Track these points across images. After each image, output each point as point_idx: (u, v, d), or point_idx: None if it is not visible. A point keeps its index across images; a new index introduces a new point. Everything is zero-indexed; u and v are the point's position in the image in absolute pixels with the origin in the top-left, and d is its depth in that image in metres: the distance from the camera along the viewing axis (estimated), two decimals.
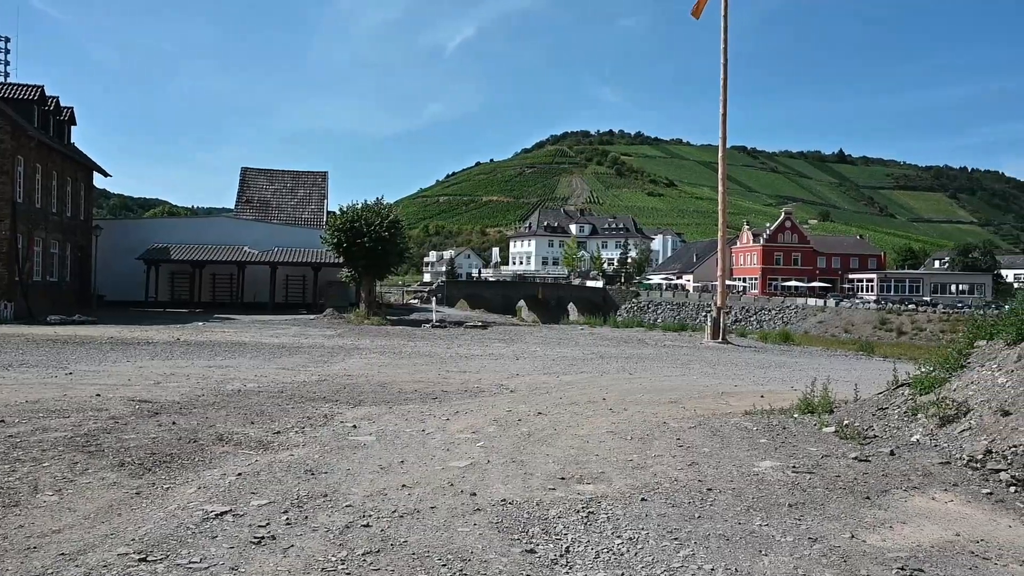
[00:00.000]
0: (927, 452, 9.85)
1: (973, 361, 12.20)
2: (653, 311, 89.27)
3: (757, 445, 10.64)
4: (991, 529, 7.12)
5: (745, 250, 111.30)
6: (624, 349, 31.05)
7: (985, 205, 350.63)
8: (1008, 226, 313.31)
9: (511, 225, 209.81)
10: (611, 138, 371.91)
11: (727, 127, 39.23)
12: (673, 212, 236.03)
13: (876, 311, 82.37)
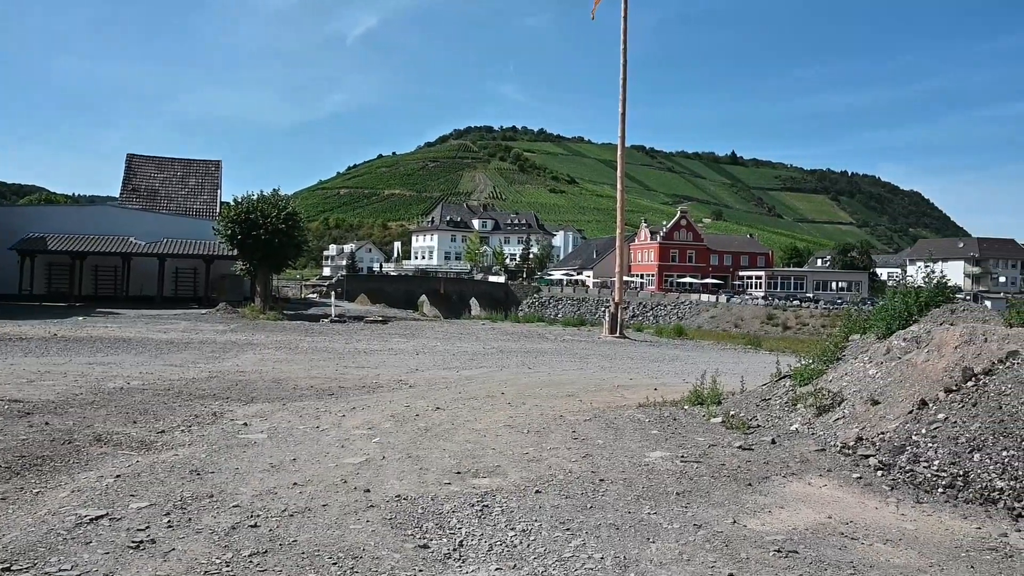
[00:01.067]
0: (805, 440, 10.38)
1: (848, 354, 12.95)
2: (554, 306, 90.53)
3: (649, 436, 10.95)
4: (860, 511, 7.57)
5: (643, 247, 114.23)
6: (524, 344, 31.34)
7: (863, 207, 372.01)
8: (883, 227, 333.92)
9: (413, 219, 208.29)
10: (514, 134, 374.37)
11: (626, 127, 40.15)
12: (574, 209, 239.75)
13: (764, 307, 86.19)
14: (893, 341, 11.86)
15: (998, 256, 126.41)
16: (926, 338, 11.23)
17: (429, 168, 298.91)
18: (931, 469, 8.47)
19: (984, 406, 9.01)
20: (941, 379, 10.06)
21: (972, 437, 8.66)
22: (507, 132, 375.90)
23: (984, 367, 9.80)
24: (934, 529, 7.06)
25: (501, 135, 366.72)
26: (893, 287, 14.48)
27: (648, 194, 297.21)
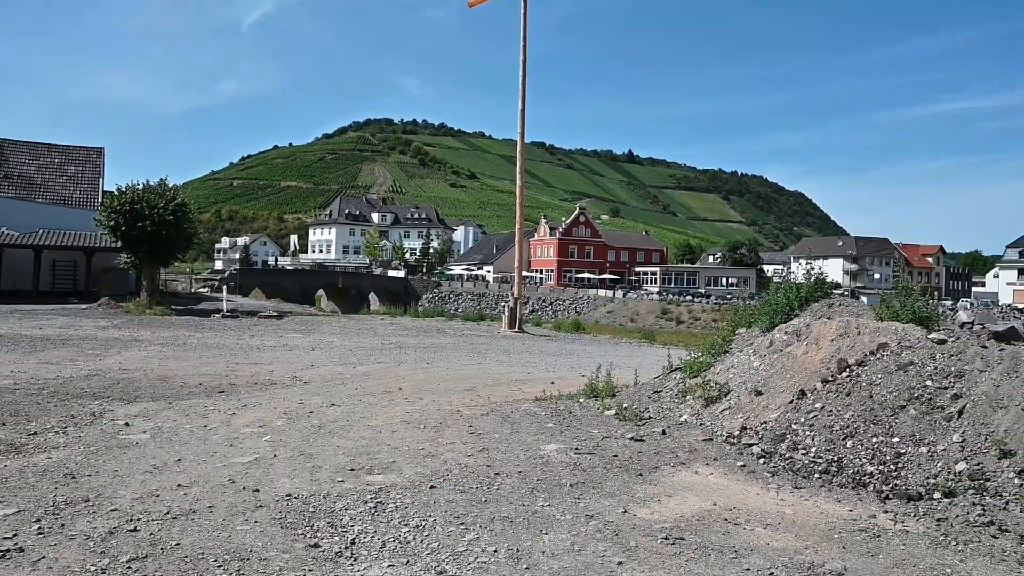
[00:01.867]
0: (693, 430, 10.76)
1: (734, 347, 13.48)
2: (454, 301, 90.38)
3: (545, 429, 11.09)
4: (743, 498, 7.89)
5: (542, 243, 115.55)
6: (423, 339, 31.16)
7: (752, 207, 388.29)
8: (770, 226, 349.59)
9: (311, 212, 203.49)
10: (415, 128, 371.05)
11: (525, 123, 40.45)
12: (475, 204, 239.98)
13: (659, 302, 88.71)
14: (776, 334, 12.43)
15: (873, 254, 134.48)
16: (806, 331, 11.83)
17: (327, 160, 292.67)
18: (809, 456, 8.93)
19: (857, 395, 9.57)
20: (819, 370, 10.62)
21: (846, 425, 9.19)
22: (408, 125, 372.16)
23: (857, 359, 10.40)
24: (810, 513, 7.43)
25: (401, 128, 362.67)
26: (777, 283, 15.16)
27: (548, 190, 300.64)
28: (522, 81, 39.93)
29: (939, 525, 7.02)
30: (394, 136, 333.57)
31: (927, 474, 7.94)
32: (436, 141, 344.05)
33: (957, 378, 9.07)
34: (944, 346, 9.78)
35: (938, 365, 9.43)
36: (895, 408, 9.03)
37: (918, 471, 8.06)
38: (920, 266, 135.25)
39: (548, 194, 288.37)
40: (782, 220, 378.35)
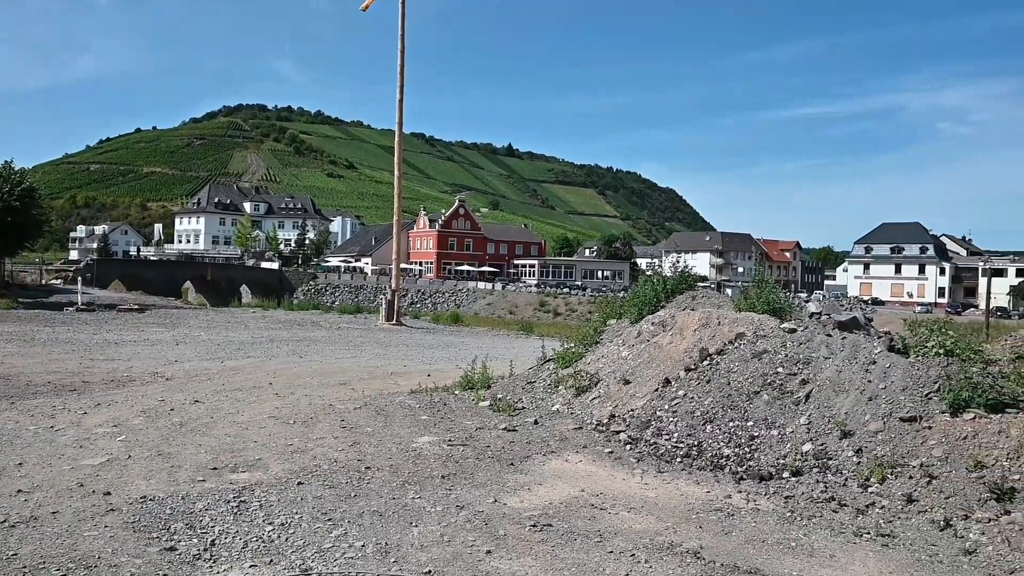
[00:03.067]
0: (564, 419, 10.99)
1: (605, 338, 13.86)
2: (331, 294, 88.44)
3: (418, 422, 11.03)
4: (609, 483, 8.14)
5: (422, 235, 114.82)
6: (297, 332, 30.34)
7: (626, 202, 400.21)
8: (643, 221, 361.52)
9: (177, 200, 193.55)
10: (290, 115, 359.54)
11: (403, 113, 40.02)
12: (353, 194, 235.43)
13: (537, 294, 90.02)
14: (643, 325, 12.87)
15: (737, 249, 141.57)
16: (671, 322, 12.31)
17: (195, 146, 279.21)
18: (671, 441, 9.31)
19: (716, 383, 10.05)
20: (683, 359, 11.08)
21: (706, 411, 9.63)
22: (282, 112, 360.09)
23: (717, 348, 10.92)
24: (671, 495, 7.75)
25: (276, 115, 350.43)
26: (646, 276, 15.69)
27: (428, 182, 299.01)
28: (400, 70, 39.48)
29: (787, 502, 7.49)
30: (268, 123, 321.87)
31: (777, 455, 8.45)
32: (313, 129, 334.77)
33: (805, 365, 9.69)
34: (794, 335, 10.42)
35: (789, 353, 10.03)
36: (750, 394, 9.54)
37: (770, 452, 8.56)
38: (779, 260, 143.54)
39: (428, 186, 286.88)
40: (655, 215, 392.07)
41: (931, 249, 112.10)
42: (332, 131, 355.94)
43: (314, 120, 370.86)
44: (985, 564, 6.12)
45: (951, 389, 8.20)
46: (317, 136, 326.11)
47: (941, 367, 8.76)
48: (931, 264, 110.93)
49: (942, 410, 8.18)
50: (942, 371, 8.67)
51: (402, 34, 39.11)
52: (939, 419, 8.12)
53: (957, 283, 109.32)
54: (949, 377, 8.46)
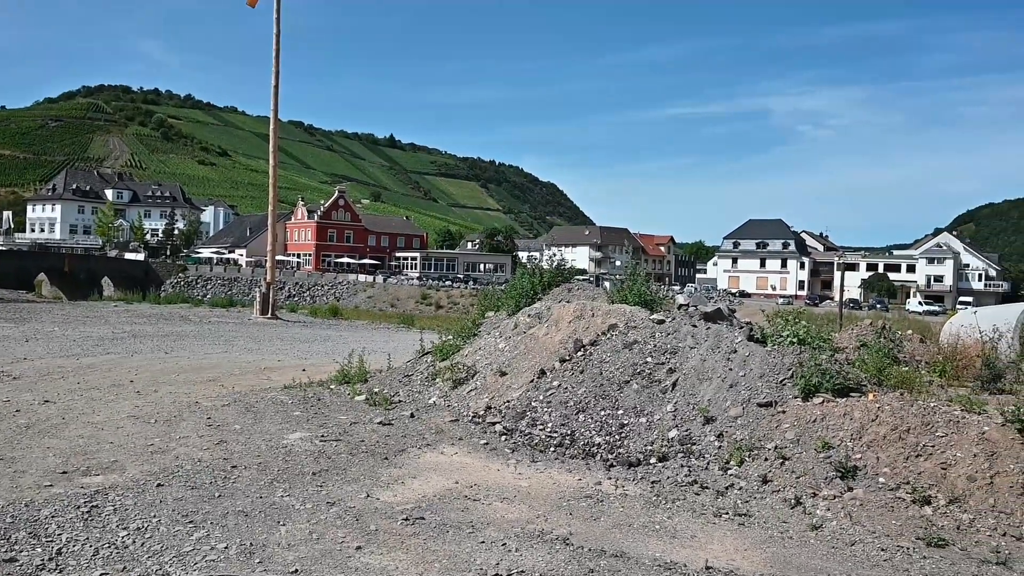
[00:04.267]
0: (441, 412, 10.98)
1: (483, 330, 13.94)
2: (202, 286, 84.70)
3: (291, 418, 10.74)
4: (484, 474, 8.19)
5: (300, 226, 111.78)
6: (163, 327, 28.90)
7: (508, 195, 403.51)
8: (525, 214, 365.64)
9: (29, 186, 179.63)
10: (157, 98, 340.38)
11: (279, 100, 38.75)
12: (226, 183, 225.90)
13: (419, 287, 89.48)
14: (520, 317, 13.02)
15: (615, 243, 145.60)
16: (547, 314, 12.50)
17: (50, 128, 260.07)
18: (546, 431, 9.47)
19: (589, 373, 10.29)
20: (558, 350, 11.28)
21: (579, 400, 9.85)
22: (149, 95, 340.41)
23: (591, 339, 11.18)
24: (544, 484, 7.89)
25: (142, 97, 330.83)
26: (524, 269, 15.87)
27: (307, 172, 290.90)
28: (276, 55, 38.18)
29: (653, 487, 7.77)
30: (132, 105, 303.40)
31: (645, 442, 8.75)
32: (182, 114, 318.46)
33: (672, 354, 10.08)
34: (663, 326, 10.80)
35: (657, 343, 10.40)
36: (621, 383, 9.83)
37: (638, 439, 8.85)
38: (654, 254, 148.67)
39: (307, 176, 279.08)
40: (536, 209, 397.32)
41: (792, 245, 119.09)
42: (204, 116, 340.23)
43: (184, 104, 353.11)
44: (830, 537, 6.55)
45: (803, 376, 8.73)
46: (187, 121, 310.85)
47: (795, 355, 9.31)
48: (792, 259, 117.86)
49: (795, 395, 8.70)
50: (795, 359, 9.21)
51: (277, 17, 37.85)
52: (792, 404, 8.63)
53: (815, 276, 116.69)
54: (801, 364, 9.00)
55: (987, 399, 8.63)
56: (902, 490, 7.20)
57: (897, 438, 7.73)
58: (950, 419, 7.76)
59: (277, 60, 38.21)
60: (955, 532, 6.61)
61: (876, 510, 6.98)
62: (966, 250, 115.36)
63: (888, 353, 10.05)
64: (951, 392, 9.19)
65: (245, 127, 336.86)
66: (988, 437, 7.41)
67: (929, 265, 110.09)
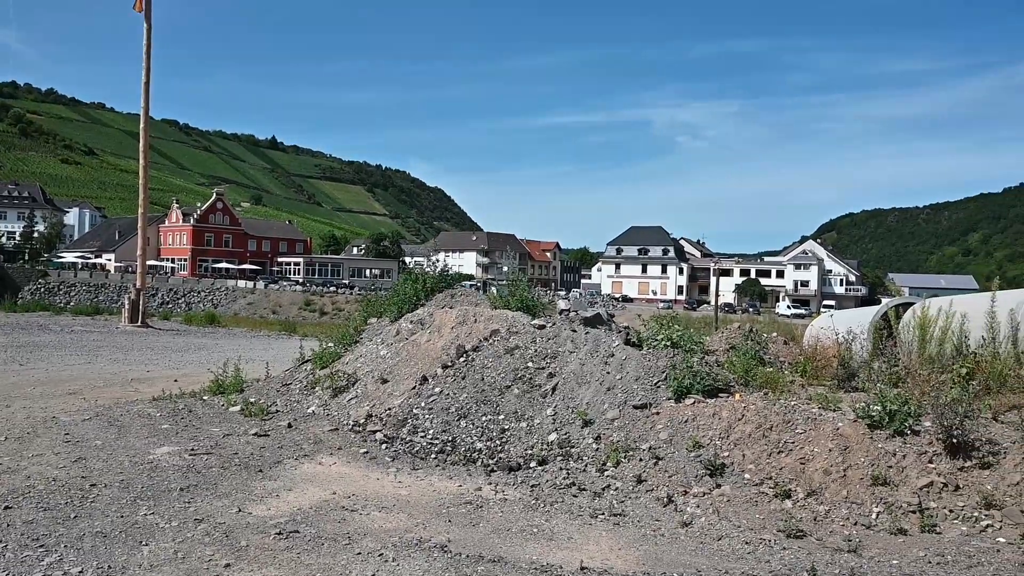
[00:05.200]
0: (320, 421, 10.72)
1: (365, 337, 13.72)
2: (65, 293, 79.55)
3: (158, 432, 10.22)
4: (363, 484, 8.06)
5: (174, 230, 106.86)
6: (19, 336, 26.92)
7: (395, 200, 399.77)
8: (412, 219, 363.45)
9: None
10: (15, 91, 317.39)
11: (151, 97, 36.94)
12: (93, 183, 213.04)
13: (302, 293, 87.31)
14: (402, 323, 12.91)
15: (502, 248, 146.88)
16: (429, 320, 12.45)
17: None
18: (427, 438, 9.41)
19: (471, 378, 10.31)
20: (440, 357, 11.24)
21: (461, 406, 9.85)
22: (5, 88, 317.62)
23: (473, 344, 11.21)
24: (424, 491, 7.84)
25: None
26: (407, 274, 15.75)
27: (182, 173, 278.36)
28: (147, 49, 36.36)
29: (532, 491, 7.86)
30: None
31: (526, 446, 8.84)
32: (43, 109, 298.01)
33: (552, 359, 10.24)
34: (543, 331, 10.96)
35: (538, 348, 10.55)
36: (502, 388, 9.91)
37: (519, 444, 8.93)
38: (540, 260, 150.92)
39: (182, 177, 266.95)
40: (423, 214, 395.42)
41: (672, 251, 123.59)
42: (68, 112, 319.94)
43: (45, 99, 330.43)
44: (699, 533, 6.82)
45: (675, 377, 9.06)
46: (49, 117, 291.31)
47: (668, 358, 9.65)
48: (672, 265, 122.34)
49: (668, 397, 9.02)
50: (669, 361, 9.55)
51: (148, 11, 36.06)
52: (666, 405, 8.94)
53: (693, 282, 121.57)
54: (674, 367, 9.34)
55: (842, 397, 9.18)
56: (765, 485, 7.58)
57: (761, 436, 8.14)
58: (808, 416, 8.24)
59: (148, 54, 36.40)
60: (812, 523, 7.02)
61: (741, 505, 7.33)
62: (829, 257, 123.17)
63: (755, 355, 10.55)
64: (811, 391, 9.74)
65: (114, 124, 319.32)
66: (842, 432, 7.91)
67: (796, 271, 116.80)
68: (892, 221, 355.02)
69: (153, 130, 37.88)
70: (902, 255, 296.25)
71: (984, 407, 8.47)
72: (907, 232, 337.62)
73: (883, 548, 6.45)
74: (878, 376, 10.15)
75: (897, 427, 7.79)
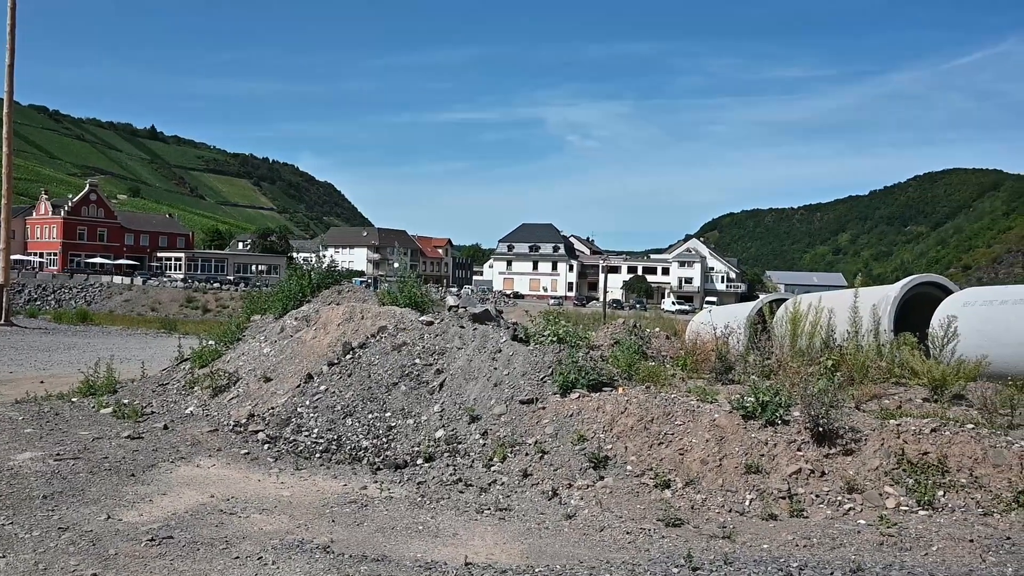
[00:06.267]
0: (199, 422, 10.32)
1: (248, 334, 13.30)
2: None
3: (21, 436, 9.58)
4: (243, 486, 7.81)
5: (43, 222, 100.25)
6: None
7: (283, 194, 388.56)
8: (301, 214, 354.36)
9: None
10: None
11: (15, 81, 34.45)
12: None
13: (184, 290, 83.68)
14: (287, 320, 12.58)
15: (394, 245, 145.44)
16: (315, 317, 12.19)
17: None
18: (311, 437, 9.22)
19: (357, 376, 10.17)
20: (326, 354, 11.03)
21: (347, 404, 9.70)
22: None
23: (360, 341, 11.05)
24: (307, 492, 7.67)
25: None
26: (293, 270, 15.36)
27: (52, 163, 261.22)
28: (11, 29, 33.90)
29: (419, 488, 7.83)
30: None
31: (413, 443, 8.80)
32: None
33: (440, 355, 10.23)
34: (431, 327, 10.93)
35: (426, 344, 10.51)
36: (389, 385, 9.81)
37: (406, 441, 8.88)
38: (432, 256, 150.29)
39: (52, 167, 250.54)
40: (313, 209, 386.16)
41: (562, 248, 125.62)
42: None
43: None
44: (582, 525, 6.97)
45: (561, 372, 9.21)
46: None
47: (554, 353, 9.81)
48: (562, 262, 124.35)
49: (554, 391, 9.17)
50: (555, 357, 9.71)
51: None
52: (552, 400, 9.08)
53: (583, 278, 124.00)
54: (560, 362, 9.50)
55: (719, 389, 9.58)
56: (646, 476, 7.83)
57: (643, 428, 8.39)
58: (687, 409, 8.56)
59: (12, 35, 33.95)
60: (690, 511, 7.29)
61: (623, 496, 7.53)
62: (711, 255, 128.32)
63: (638, 350, 10.87)
64: (691, 384, 10.12)
65: None
66: (718, 424, 8.25)
67: (680, 268, 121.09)
68: (769, 221, 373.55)
69: (18, 116, 35.36)
70: (778, 253, 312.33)
71: (848, 397, 9.06)
72: (783, 232, 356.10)
73: (755, 533, 6.77)
74: (752, 369, 10.67)
75: (769, 417, 8.19)
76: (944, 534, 6.45)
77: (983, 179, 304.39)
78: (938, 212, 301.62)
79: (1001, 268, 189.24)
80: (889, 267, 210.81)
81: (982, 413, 8.35)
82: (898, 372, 10.32)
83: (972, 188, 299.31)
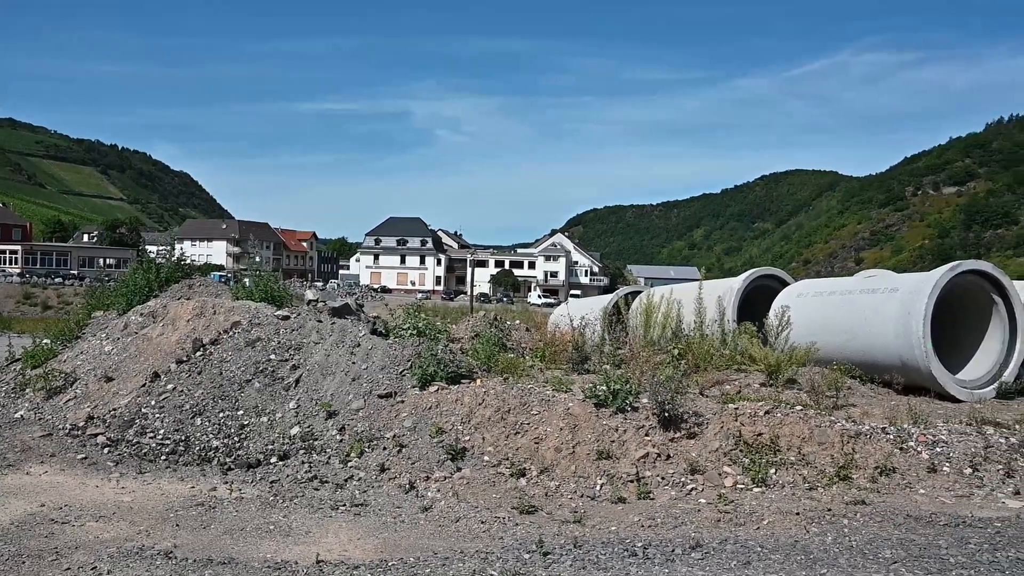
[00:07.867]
0: (31, 426, 9.59)
1: (88, 332, 12.47)
2: None
3: None
4: (79, 492, 7.34)
5: None
6: None
7: (134, 184, 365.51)
8: (154, 205, 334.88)
9: None
10: None
11: None
12: None
13: (21, 285, 77.39)
14: (131, 316, 11.90)
15: (256, 238, 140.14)
16: (163, 312, 11.58)
17: None
18: (157, 439, 8.77)
19: (208, 373, 9.76)
20: (174, 351, 10.51)
21: (196, 403, 9.29)
22: None
23: (212, 337, 10.61)
24: (151, 496, 7.30)
25: None
26: (139, 263, 14.53)
27: None
28: None
29: (272, 487, 7.62)
30: None
31: (266, 441, 8.55)
32: None
33: (297, 350, 9.98)
34: (288, 322, 10.64)
35: (282, 340, 10.22)
36: (242, 382, 9.48)
37: (259, 440, 8.61)
38: (297, 250, 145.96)
39: None
40: (167, 200, 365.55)
41: (430, 242, 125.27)
42: None
43: None
44: (438, 517, 7.00)
45: (420, 366, 9.21)
46: None
47: (414, 347, 9.79)
48: (430, 256, 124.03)
49: (413, 385, 9.15)
50: (414, 350, 9.69)
51: None
52: (411, 393, 9.06)
53: (451, 272, 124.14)
54: (420, 355, 9.49)
55: (575, 379, 9.87)
56: (503, 466, 7.96)
57: (500, 419, 8.53)
58: (543, 398, 8.77)
59: None
60: (544, 498, 7.48)
61: (480, 487, 7.63)
62: (576, 249, 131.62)
63: (497, 342, 11.02)
64: (548, 374, 10.37)
65: None
66: (572, 412, 8.50)
67: (546, 262, 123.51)
68: (631, 217, 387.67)
69: None
70: (638, 248, 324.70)
71: (693, 383, 9.56)
72: (643, 227, 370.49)
73: (604, 516, 7.03)
74: (606, 359, 11.06)
75: (619, 405, 8.51)
76: (774, 509, 6.94)
77: (822, 180, 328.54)
78: (782, 210, 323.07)
79: (836, 262, 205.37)
80: (739, 261, 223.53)
81: (810, 396, 9.04)
82: (739, 359, 10.98)
83: (812, 188, 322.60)
